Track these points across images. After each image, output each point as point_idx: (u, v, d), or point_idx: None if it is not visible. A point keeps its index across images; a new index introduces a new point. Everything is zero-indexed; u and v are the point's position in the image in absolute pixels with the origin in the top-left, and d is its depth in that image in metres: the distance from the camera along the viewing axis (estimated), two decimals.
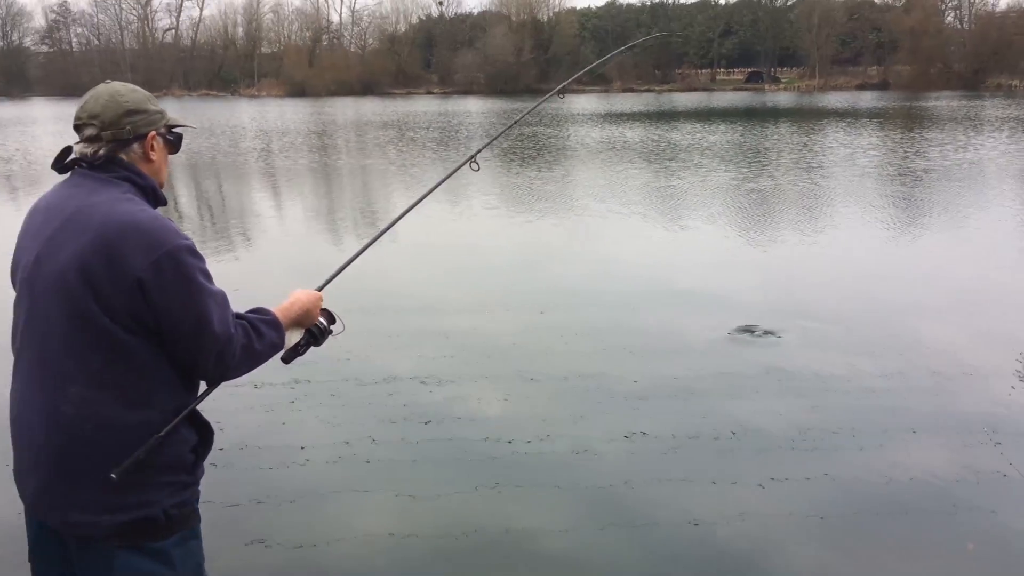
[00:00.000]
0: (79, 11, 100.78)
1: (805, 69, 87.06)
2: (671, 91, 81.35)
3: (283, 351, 2.33)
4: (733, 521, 4.13)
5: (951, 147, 23.28)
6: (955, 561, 3.85)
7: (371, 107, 57.42)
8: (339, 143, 29.67)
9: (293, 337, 2.36)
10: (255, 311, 2.26)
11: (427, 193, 3.12)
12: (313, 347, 2.45)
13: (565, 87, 4.11)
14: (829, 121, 36.14)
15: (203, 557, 2.24)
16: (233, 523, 4.12)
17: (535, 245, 11.38)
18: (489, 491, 4.46)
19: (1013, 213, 13.22)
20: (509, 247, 11.32)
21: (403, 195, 16.64)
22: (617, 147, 25.42)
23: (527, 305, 8.13)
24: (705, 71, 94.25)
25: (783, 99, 62.15)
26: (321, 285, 2.57)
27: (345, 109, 55.21)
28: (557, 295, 8.47)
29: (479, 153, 3.28)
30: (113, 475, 1.97)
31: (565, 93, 4.08)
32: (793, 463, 4.71)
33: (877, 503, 4.30)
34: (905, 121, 35.53)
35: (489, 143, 3.71)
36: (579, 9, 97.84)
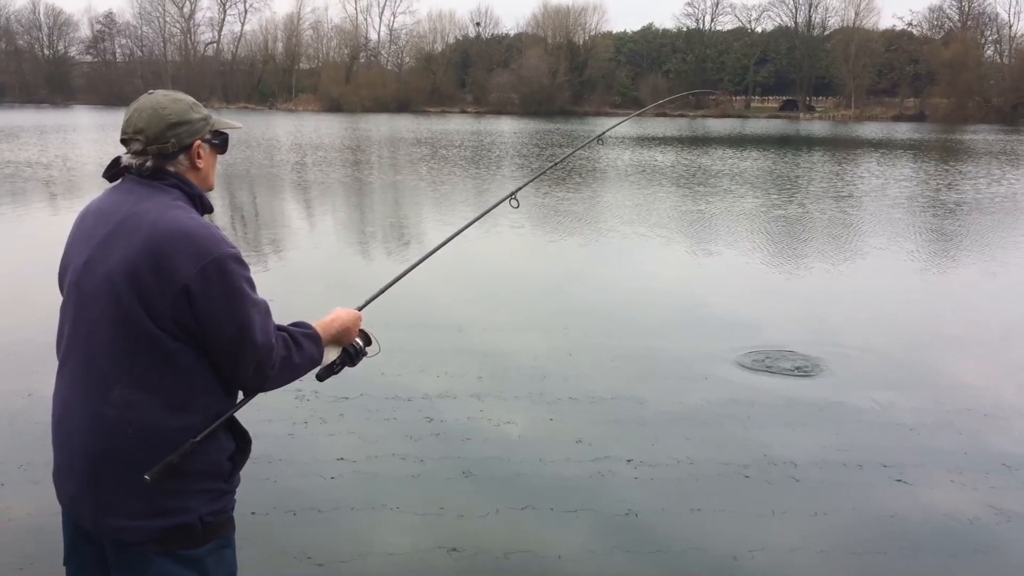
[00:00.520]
0: (124, 23, 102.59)
1: (841, 99, 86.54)
2: (704, 117, 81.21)
3: (319, 368, 2.34)
4: (755, 553, 4.09)
5: (985, 180, 23.04)
6: None
7: (405, 124, 57.90)
8: (372, 158, 29.95)
9: (330, 355, 2.37)
10: (297, 324, 2.27)
11: (466, 226, 3.18)
12: (348, 367, 2.44)
13: (606, 133, 4.14)
14: (863, 151, 35.90)
15: (236, 566, 2.25)
16: (259, 533, 4.15)
17: (564, 266, 11.40)
18: (511, 512, 4.46)
19: None
20: (537, 268, 11.35)
21: (433, 211, 16.77)
22: (648, 170, 25.42)
23: (554, 327, 8.15)
24: (739, 98, 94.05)
25: (817, 128, 61.80)
26: (362, 305, 2.57)
27: (380, 125, 55.70)
28: (584, 317, 8.48)
29: (519, 191, 3.34)
30: (147, 476, 1.98)
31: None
32: (818, 496, 4.67)
33: (903, 540, 4.24)
34: (940, 153, 35.19)
35: (528, 182, 3.74)
36: (615, 33, 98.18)
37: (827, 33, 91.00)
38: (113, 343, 2.04)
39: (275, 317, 2.22)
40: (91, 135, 40.43)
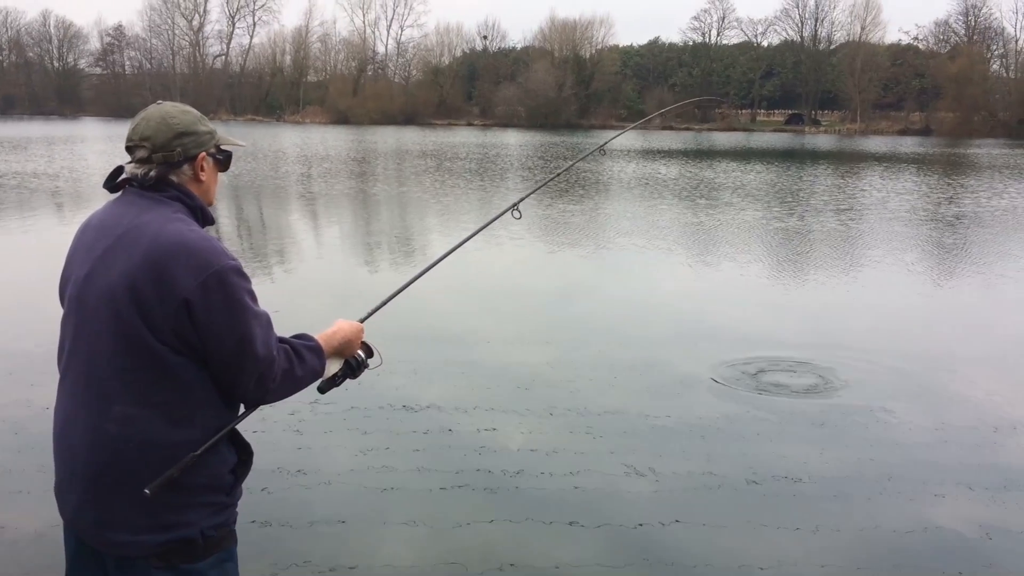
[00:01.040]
0: (133, 35, 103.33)
1: (846, 112, 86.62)
2: (710, 130, 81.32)
3: (321, 380, 2.33)
4: (759, 568, 4.08)
5: (986, 194, 23.06)
6: None
7: (412, 137, 58.10)
8: (378, 170, 30.03)
9: (332, 367, 2.35)
10: (299, 336, 2.26)
11: (469, 237, 3.16)
12: (349, 379, 2.43)
13: (608, 143, 4.14)
14: (866, 165, 35.93)
15: None
16: (262, 545, 4.15)
17: (567, 279, 11.41)
18: (515, 524, 4.45)
19: None
20: (541, 280, 11.35)
21: (436, 223, 16.82)
22: (652, 183, 25.47)
23: (558, 339, 8.15)
24: (745, 111, 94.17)
25: (822, 142, 61.83)
26: (364, 317, 2.56)
27: (386, 138, 55.90)
28: (588, 330, 8.47)
29: (521, 202, 3.32)
30: (147, 491, 1.97)
31: (605, 150, 4.12)
32: (824, 511, 4.64)
33: (910, 556, 4.22)
34: (943, 167, 35.19)
35: (530, 193, 3.73)
36: (621, 47, 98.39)
37: (833, 47, 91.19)
38: (114, 357, 2.03)
39: (279, 329, 2.21)
40: (98, 146, 40.66)
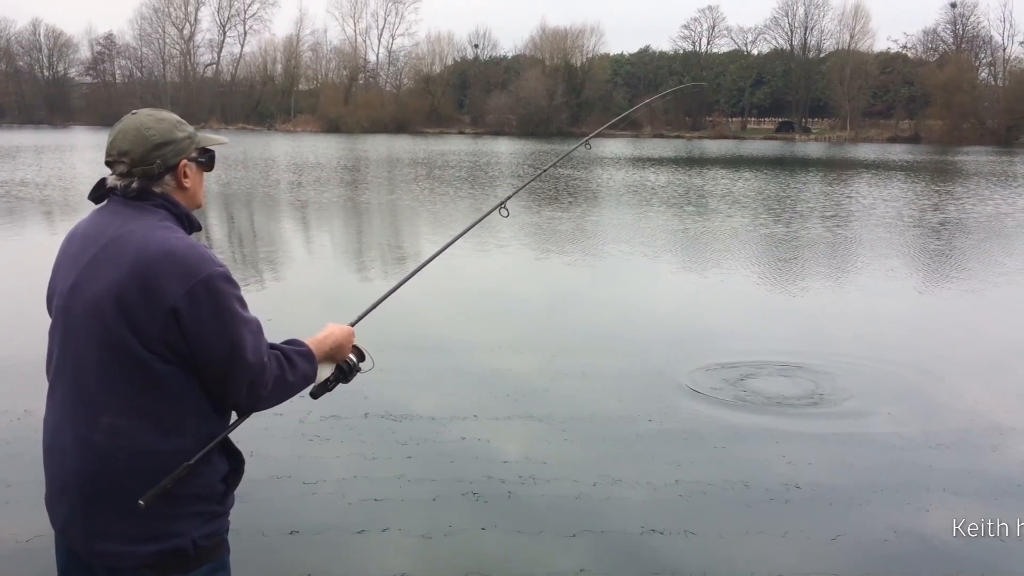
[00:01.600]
0: (124, 44, 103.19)
1: (836, 120, 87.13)
2: (701, 138, 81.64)
3: (313, 386, 2.31)
4: (754, 574, 4.08)
5: (971, 201, 23.25)
6: None
7: (403, 145, 58.14)
8: (368, 178, 30.03)
9: (324, 372, 2.34)
10: (289, 342, 2.25)
11: (457, 237, 3.13)
12: (342, 383, 2.42)
13: (591, 138, 4.15)
14: (854, 172, 36.12)
15: None
16: (258, 555, 4.12)
17: (558, 286, 11.40)
18: (511, 533, 4.43)
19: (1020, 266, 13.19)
20: (532, 288, 11.35)
21: (427, 230, 16.83)
22: (641, 191, 25.56)
23: (549, 347, 8.12)
24: (736, 119, 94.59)
25: (812, 149, 62.15)
26: (354, 320, 2.54)
27: (377, 146, 55.93)
28: (579, 337, 8.46)
29: (508, 200, 3.30)
30: (141, 502, 1.95)
31: (591, 144, 4.13)
32: (819, 518, 4.63)
33: (908, 563, 4.20)
34: (930, 174, 35.44)
35: (518, 191, 3.72)
36: (612, 55, 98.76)
37: (822, 55, 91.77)
38: (101, 368, 2.02)
39: (271, 337, 2.18)
40: (87, 155, 40.53)
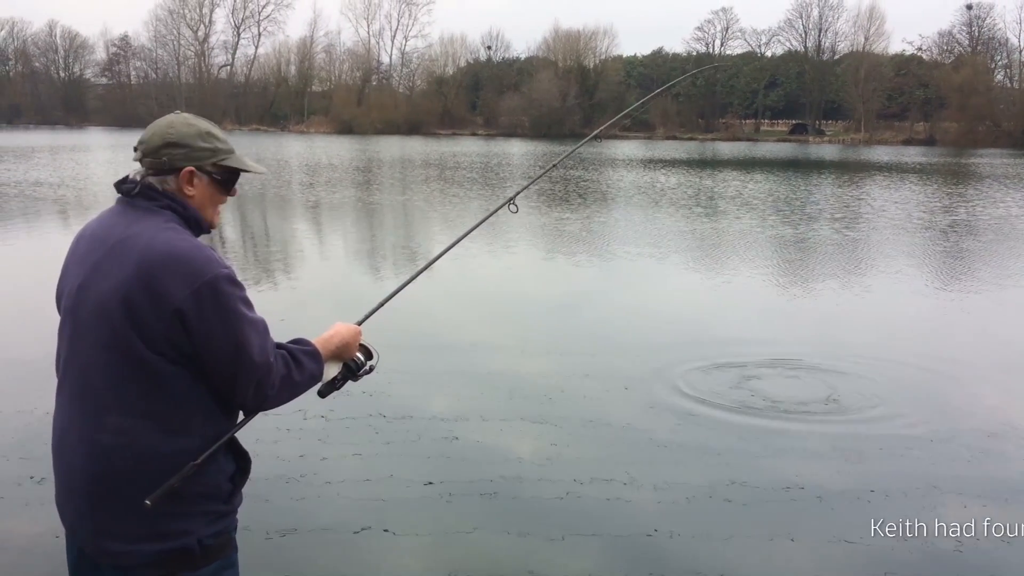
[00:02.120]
0: (139, 46, 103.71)
1: (850, 122, 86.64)
2: (714, 140, 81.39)
3: (320, 384, 2.32)
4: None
5: (983, 203, 23.15)
6: None
7: (416, 146, 58.23)
8: (380, 179, 30.09)
9: (331, 370, 2.35)
10: (296, 341, 2.26)
11: (466, 233, 3.14)
12: (350, 381, 2.43)
13: (602, 132, 4.20)
14: (867, 174, 35.93)
15: None
16: (267, 555, 4.16)
17: (568, 286, 11.41)
18: (521, 535, 4.44)
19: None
20: (539, 289, 11.36)
21: (437, 230, 16.85)
22: (651, 192, 25.52)
23: (557, 347, 8.14)
24: (749, 121, 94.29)
25: (826, 151, 61.83)
26: (361, 319, 2.56)
27: (390, 147, 56.03)
28: (587, 338, 8.46)
29: (517, 196, 3.30)
30: (148, 501, 1.97)
31: (603, 138, 4.16)
32: (831, 522, 4.61)
33: (916, 566, 4.19)
34: (943, 177, 35.21)
35: (527, 186, 3.71)
36: (625, 57, 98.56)
37: (837, 57, 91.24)
38: (107, 369, 2.04)
39: (282, 335, 2.19)
40: (102, 156, 40.84)
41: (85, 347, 2.08)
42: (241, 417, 2.21)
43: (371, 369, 2.47)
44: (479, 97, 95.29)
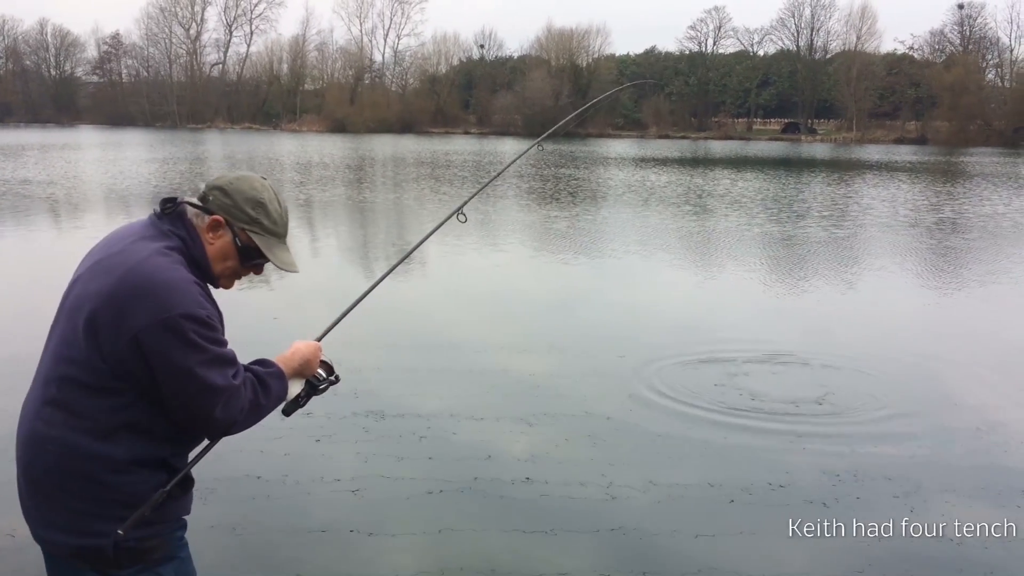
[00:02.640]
0: (130, 44, 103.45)
1: (842, 121, 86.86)
2: (707, 139, 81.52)
3: (284, 403, 2.37)
4: (760, 574, 4.09)
5: (971, 201, 23.32)
6: None
7: (408, 145, 58.18)
8: (371, 178, 30.08)
9: (294, 388, 2.39)
10: (259, 363, 2.29)
11: (414, 248, 3.24)
12: (313, 396, 2.47)
13: (543, 140, 4.24)
14: (857, 173, 36.09)
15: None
16: (260, 554, 4.17)
17: (558, 284, 11.43)
18: (515, 533, 4.44)
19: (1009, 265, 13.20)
20: (535, 287, 11.38)
21: (427, 229, 16.81)
22: (640, 190, 25.58)
23: (554, 346, 8.15)
24: (741, 120, 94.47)
25: (817, 150, 62.02)
26: (320, 335, 2.59)
27: (383, 146, 55.99)
28: (580, 336, 8.47)
29: (465, 205, 3.37)
30: (120, 531, 2.04)
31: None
32: (827, 518, 4.60)
33: (911, 563, 4.21)
34: (932, 175, 35.40)
35: (473, 195, 3.74)
36: (618, 56, 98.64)
37: (829, 56, 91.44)
38: (62, 364, 2.10)
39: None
40: (92, 154, 40.68)
41: (56, 338, 2.16)
42: (205, 441, 2.26)
43: (336, 380, 2.51)
44: (472, 96, 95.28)
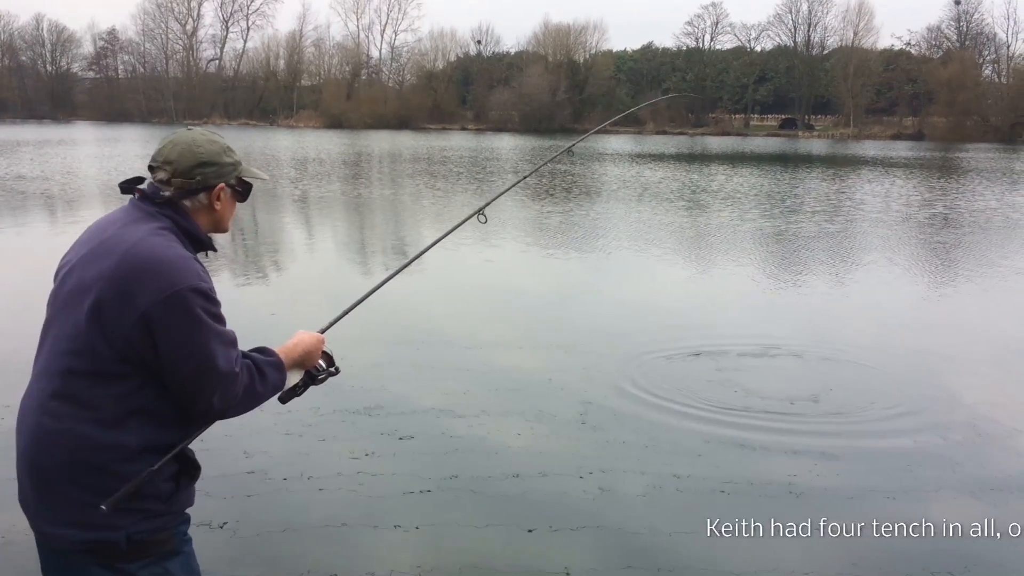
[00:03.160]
0: (126, 39, 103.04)
1: (839, 117, 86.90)
2: (704, 135, 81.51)
3: (282, 392, 2.38)
4: (757, 571, 4.10)
5: (964, 197, 23.39)
6: None
7: (405, 141, 58.08)
8: (368, 174, 30.06)
9: (293, 378, 2.40)
10: (259, 351, 2.30)
11: (432, 244, 3.18)
12: (312, 386, 2.48)
13: (576, 144, 4.19)
14: (852, 169, 36.15)
15: (193, 571, 2.26)
16: (261, 551, 4.17)
17: (556, 281, 11.44)
18: (514, 529, 4.45)
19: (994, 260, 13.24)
20: (531, 283, 11.38)
21: (422, 225, 16.84)
22: (637, 186, 25.58)
23: (551, 342, 8.16)
24: (739, 116, 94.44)
25: (814, 146, 62.01)
26: (324, 327, 2.59)
27: (380, 142, 55.88)
28: (580, 333, 8.46)
29: (487, 207, 3.33)
30: (103, 507, 2.02)
31: (573, 151, 4.13)
32: (824, 517, 4.59)
33: (908, 561, 4.21)
34: (928, 171, 35.41)
35: (495, 198, 3.72)
36: (615, 52, 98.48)
37: (826, 52, 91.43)
38: (65, 356, 2.09)
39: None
40: (88, 150, 40.60)
41: (54, 331, 2.14)
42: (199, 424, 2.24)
43: (336, 371, 2.52)
44: (469, 92, 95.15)
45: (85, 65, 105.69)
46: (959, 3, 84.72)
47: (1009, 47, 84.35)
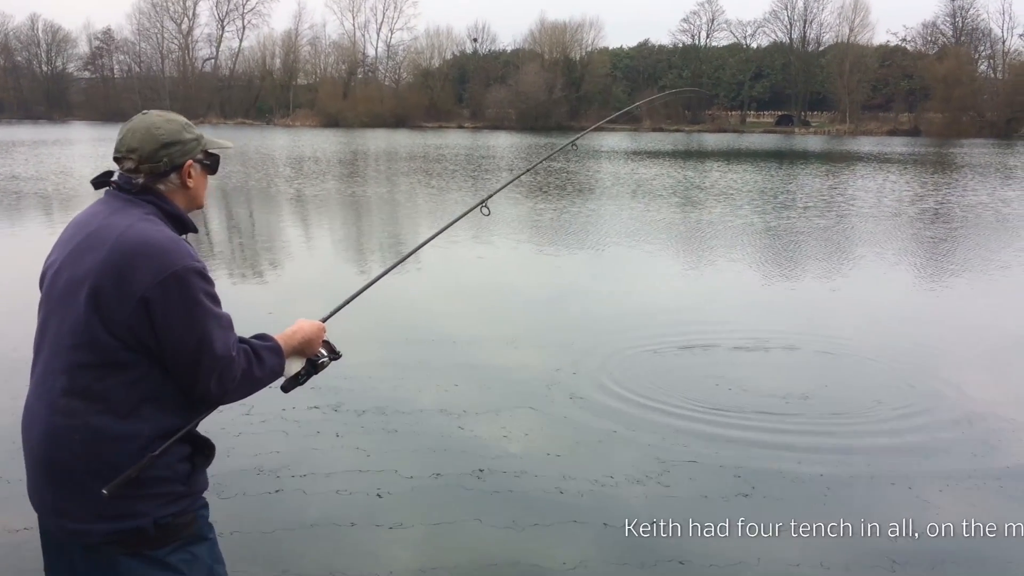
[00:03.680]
0: (122, 39, 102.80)
1: (836, 113, 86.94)
2: (700, 132, 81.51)
3: (283, 379, 2.38)
4: (753, 570, 4.11)
5: (956, 191, 23.49)
6: None
7: (402, 139, 58.03)
8: (364, 172, 30.04)
9: (294, 366, 2.40)
10: (258, 337, 2.31)
11: (436, 234, 3.18)
12: (313, 375, 2.48)
13: (579, 138, 4.19)
14: (847, 164, 36.19)
15: (219, 559, 2.28)
16: (261, 550, 4.17)
17: (554, 278, 11.45)
18: (516, 526, 4.46)
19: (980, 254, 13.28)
20: (526, 280, 11.40)
21: (417, 222, 16.87)
22: (631, 183, 25.59)
23: (546, 339, 8.18)
24: (735, 113, 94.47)
25: (810, 142, 62.03)
26: (326, 316, 2.60)
27: (376, 141, 55.82)
28: (575, 330, 8.48)
29: (490, 198, 3.34)
30: (104, 491, 2.02)
31: (576, 144, 4.14)
32: (820, 510, 4.62)
33: (907, 555, 4.22)
34: (922, 167, 35.49)
35: (499, 190, 3.75)
36: (611, 49, 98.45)
37: (822, 49, 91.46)
38: (69, 352, 2.10)
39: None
40: (84, 149, 40.54)
41: (54, 329, 2.15)
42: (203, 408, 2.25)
43: (338, 356, 2.52)
44: (465, 90, 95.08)
45: (81, 65, 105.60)
46: None
47: (1004, 42, 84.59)
